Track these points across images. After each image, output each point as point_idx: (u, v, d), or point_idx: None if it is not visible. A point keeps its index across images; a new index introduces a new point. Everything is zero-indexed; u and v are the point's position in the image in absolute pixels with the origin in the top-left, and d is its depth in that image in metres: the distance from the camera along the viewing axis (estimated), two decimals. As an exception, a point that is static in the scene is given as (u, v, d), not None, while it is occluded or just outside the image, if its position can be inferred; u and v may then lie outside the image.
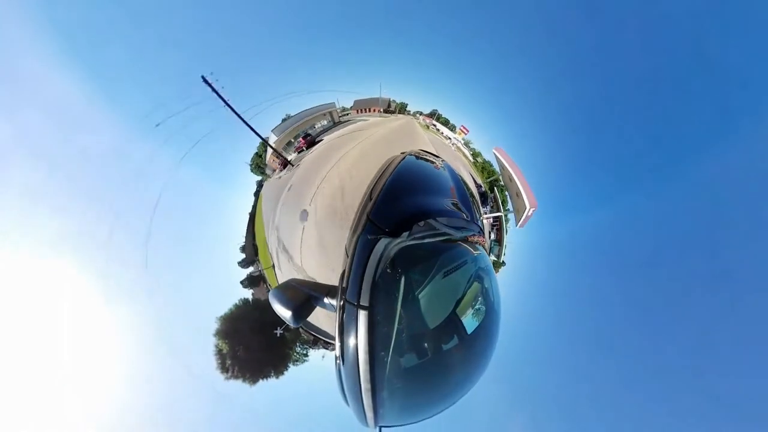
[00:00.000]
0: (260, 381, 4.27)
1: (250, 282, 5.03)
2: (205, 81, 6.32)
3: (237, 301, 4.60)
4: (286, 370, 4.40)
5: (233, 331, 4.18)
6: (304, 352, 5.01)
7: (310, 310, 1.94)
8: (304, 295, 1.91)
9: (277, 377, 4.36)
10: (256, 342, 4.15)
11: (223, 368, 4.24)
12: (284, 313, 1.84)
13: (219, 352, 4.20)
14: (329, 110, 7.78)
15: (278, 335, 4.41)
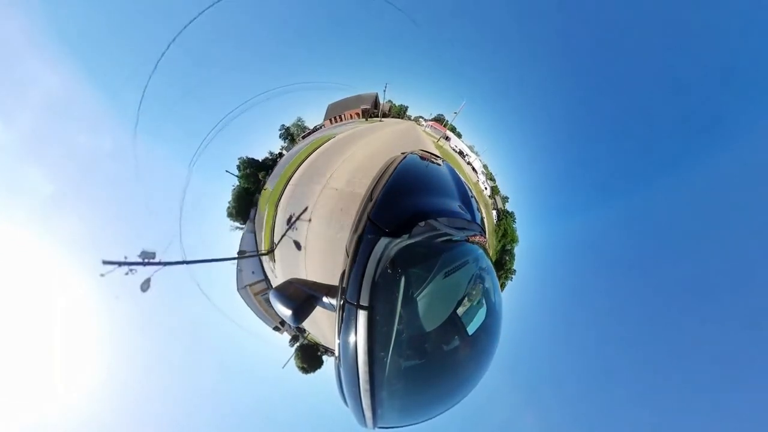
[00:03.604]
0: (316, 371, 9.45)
1: (294, 338, 9.16)
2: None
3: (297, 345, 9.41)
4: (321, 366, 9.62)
5: (302, 357, 9.29)
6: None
7: (310, 309, 1.93)
8: (305, 295, 1.90)
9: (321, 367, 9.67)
10: (313, 361, 9.40)
11: (304, 371, 9.36)
12: (285, 312, 1.83)
13: (301, 367, 9.38)
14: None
15: (320, 355, 9.21)
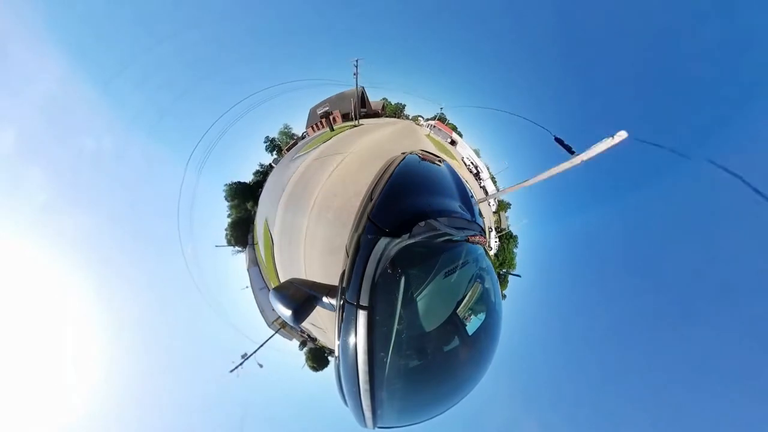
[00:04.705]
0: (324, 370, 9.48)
1: (302, 343, 9.43)
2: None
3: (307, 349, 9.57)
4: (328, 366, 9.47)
5: (312, 358, 9.30)
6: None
7: (310, 309, 1.93)
8: (305, 295, 1.90)
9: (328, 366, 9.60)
10: (322, 361, 9.29)
11: (314, 370, 9.30)
12: (284, 312, 1.83)
13: (312, 366, 9.31)
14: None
15: (327, 357, 9.31)
